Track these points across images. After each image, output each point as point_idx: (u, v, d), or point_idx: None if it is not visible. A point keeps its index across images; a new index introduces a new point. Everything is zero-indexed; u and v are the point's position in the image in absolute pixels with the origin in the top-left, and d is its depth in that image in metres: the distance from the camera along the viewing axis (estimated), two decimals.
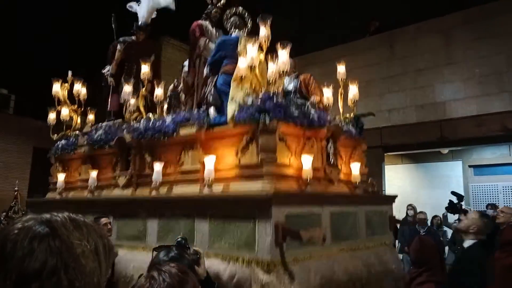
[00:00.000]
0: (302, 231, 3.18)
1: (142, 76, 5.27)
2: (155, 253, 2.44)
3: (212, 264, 3.28)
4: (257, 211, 3.29)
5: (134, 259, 3.98)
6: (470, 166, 10.66)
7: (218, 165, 3.96)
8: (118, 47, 6.05)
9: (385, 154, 9.78)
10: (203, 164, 4.01)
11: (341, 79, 5.10)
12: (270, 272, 3.12)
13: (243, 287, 3.20)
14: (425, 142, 8.91)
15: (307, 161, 3.85)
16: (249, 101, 3.92)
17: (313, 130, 4.18)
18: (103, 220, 3.93)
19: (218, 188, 3.86)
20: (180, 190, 4.22)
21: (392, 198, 5.17)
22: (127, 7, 6.22)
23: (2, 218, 7.20)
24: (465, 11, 8.82)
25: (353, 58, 9.71)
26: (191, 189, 4.09)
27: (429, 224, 7.71)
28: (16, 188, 6.77)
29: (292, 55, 4.17)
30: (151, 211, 4.26)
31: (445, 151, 10.50)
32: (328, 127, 4.29)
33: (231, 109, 4.06)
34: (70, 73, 6.30)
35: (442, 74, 8.90)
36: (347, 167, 4.72)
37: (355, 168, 4.63)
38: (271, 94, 3.87)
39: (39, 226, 0.78)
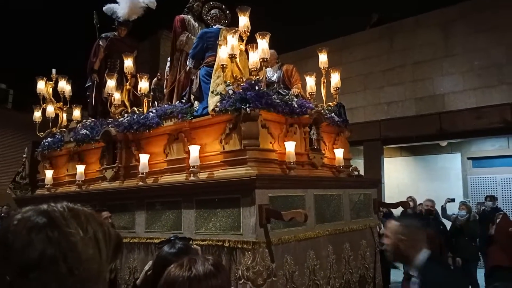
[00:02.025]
0: (284, 212, 3.27)
1: (125, 71, 5.32)
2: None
3: None
4: (242, 194, 3.38)
5: None
6: (469, 158, 10.54)
7: (203, 154, 4.03)
8: (100, 42, 6.08)
9: (384, 146, 9.73)
10: (188, 153, 4.09)
11: (323, 68, 5.19)
12: (255, 252, 3.21)
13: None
14: (424, 135, 8.88)
15: (290, 146, 3.94)
16: (230, 90, 3.98)
17: (295, 117, 4.27)
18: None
19: (203, 175, 3.94)
20: (166, 179, 4.29)
21: (376, 182, 5.29)
22: (103, 10, 6.22)
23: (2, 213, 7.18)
24: (464, 4, 8.79)
25: (352, 51, 9.80)
26: (177, 178, 4.16)
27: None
28: (24, 155, 6.73)
29: (290, 48, 4.22)
30: (139, 200, 4.32)
31: (444, 143, 10.46)
32: (310, 113, 4.38)
33: (212, 100, 4.12)
34: (54, 70, 6.31)
35: (441, 66, 8.88)
36: (330, 153, 4.83)
37: (339, 152, 4.74)
38: (253, 83, 3.94)
39: (37, 216, 0.79)
